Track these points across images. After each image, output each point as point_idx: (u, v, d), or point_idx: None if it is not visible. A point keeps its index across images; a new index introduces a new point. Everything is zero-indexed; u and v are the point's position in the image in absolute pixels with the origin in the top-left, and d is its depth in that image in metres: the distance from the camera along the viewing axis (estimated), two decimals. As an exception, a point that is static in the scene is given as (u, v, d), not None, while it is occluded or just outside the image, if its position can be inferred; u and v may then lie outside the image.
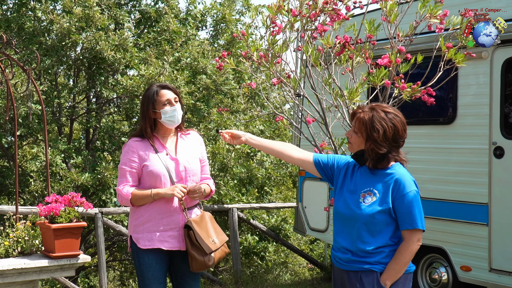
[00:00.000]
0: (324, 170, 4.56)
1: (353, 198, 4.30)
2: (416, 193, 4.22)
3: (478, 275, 8.08)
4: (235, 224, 11.84)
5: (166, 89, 5.32)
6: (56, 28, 12.93)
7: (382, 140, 4.17)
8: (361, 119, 4.25)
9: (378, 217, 4.19)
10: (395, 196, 4.19)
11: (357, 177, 4.37)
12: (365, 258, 4.22)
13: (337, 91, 6.20)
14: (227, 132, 4.99)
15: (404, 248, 4.17)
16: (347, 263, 4.31)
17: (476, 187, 8.05)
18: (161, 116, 5.25)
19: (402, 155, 4.33)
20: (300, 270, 14.38)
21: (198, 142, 5.52)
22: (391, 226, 4.23)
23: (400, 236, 4.23)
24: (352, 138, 4.33)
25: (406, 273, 4.24)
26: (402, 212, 4.18)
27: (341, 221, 4.38)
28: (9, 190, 14.78)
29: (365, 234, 4.22)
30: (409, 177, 4.24)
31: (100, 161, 12.96)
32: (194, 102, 13.20)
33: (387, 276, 4.17)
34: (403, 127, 4.24)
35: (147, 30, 15.13)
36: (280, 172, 14.57)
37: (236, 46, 15.09)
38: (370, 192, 4.26)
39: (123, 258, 16.29)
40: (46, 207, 5.54)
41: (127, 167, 5.24)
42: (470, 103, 8.20)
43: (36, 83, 8.10)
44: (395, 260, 4.17)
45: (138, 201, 5.19)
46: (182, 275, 5.36)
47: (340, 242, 4.38)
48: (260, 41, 6.77)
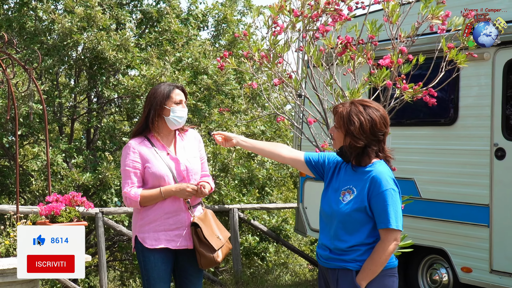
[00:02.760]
0: (316, 168, 4.55)
1: (335, 196, 4.30)
2: (393, 192, 4.14)
3: (478, 276, 8.08)
4: (236, 225, 11.83)
5: (180, 90, 5.34)
6: (58, 28, 12.94)
7: (358, 133, 4.14)
8: (339, 113, 4.25)
9: (354, 215, 4.17)
10: (371, 194, 4.15)
11: (342, 175, 4.37)
12: (341, 255, 4.21)
13: (338, 91, 6.20)
14: (219, 134, 4.97)
15: (380, 247, 4.11)
16: (326, 260, 4.31)
17: (477, 188, 8.04)
18: (169, 113, 5.24)
19: (387, 151, 4.30)
20: (301, 271, 14.37)
21: (197, 140, 5.51)
22: (368, 225, 4.18)
23: (377, 235, 4.18)
24: (334, 134, 4.32)
25: (385, 269, 4.18)
26: (377, 211, 4.13)
27: (324, 219, 4.38)
28: (10, 190, 14.78)
29: (341, 232, 4.21)
30: (388, 175, 4.18)
31: (101, 161, 12.96)
32: (195, 103, 13.20)
33: (363, 276, 4.13)
34: (382, 121, 4.19)
35: (149, 30, 15.14)
36: (281, 172, 14.57)
37: (237, 46, 15.09)
38: (349, 190, 4.24)
39: (124, 258, 16.29)
40: (47, 207, 5.54)
41: (130, 168, 5.22)
42: (471, 104, 8.19)
43: (37, 83, 8.10)
44: (371, 260, 4.12)
45: (148, 202, 5.18)
46: (186, 274, 5.36)
47: (321, 239, 4.39)
48: (261, 42, 6.76)
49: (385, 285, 4.22)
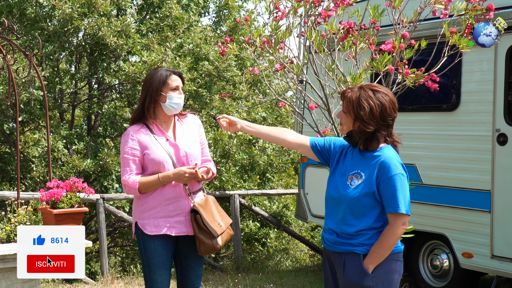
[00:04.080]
0: (321, 153, 4.54)
1: (342, 181, 4.30)
2: (401, 176, 4.16)
3: (479, 261, 8.08)
4: (237, 211, 11.84)
5: (177, 75, 5.29)
6: (58, 14, 12.90)
7: (368, 118, 4.15)
8: (348, 98, 4.25)
9: (363, 199, 4.18)
10: (380, 179, 4.16)
11: (348, 159, 4.37)
12: (349, 239, 4.22)
13: (340, 77, 6.18)
14: (223, 118, 4.95)
15: (389, 232, 4.13)
16: (333, 244, 4.32)
17: (479, 174, 8.04)
18: (165, 100, 5.21)
19: (394, 136, 4.32)
20: (301, 257, 14.41)
21: (196, 125, 5.48)
22: (376, 209, 4.20)
23: (385, 220, 4.20)
24: (342, 118, 4.32)
25: (392, 253, 4.21)
26: (386, 195, 4.14)
27: (331, 203, 4.38)
28: (11, 176, 14.80)
29: (349, 216, 4.22)
30: (396, 160, 4.20)
31: (102, 147, 12.96)
32: (196, 89, 13.18)
33: (370, 260, 4.15)
34: (391, 106, 4.21)
35: (150, 16, 15.09)
36: (282, 159, 14.57)
37: (239, 33, 15.05)
38: (357, 175, 4.25)
39: (125, 244, 16.32)
40: (48, 193, 5.54)
41: (129, 155, 5.19)
42: (473, 89, 8.18)
43: (38, 69, 8.08)
44: (379, 244, 4.14)
45: (147, 189, 5.16)
46: (186, 260, 5.34)
47: (328, 224, 4.39)
48: (263, 27, 6.74)
49: (391, 269, 4.25)
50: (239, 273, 11.02)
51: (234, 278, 10.38)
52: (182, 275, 5.41)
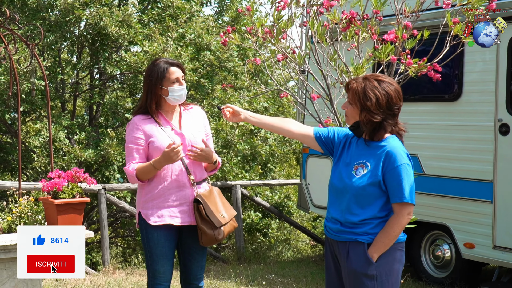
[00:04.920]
0: (325, 143, 4.55)
1: (346, 170, 4.31)
2: (407, 166, 4.18)
3: (481, 252, 8.09)
4: (238, 201, 11.85)
5: (175, 67, 5.25)
6: (60, 4, 12.90)
7: (375, 108, 4.17)
8: (354, 89, 4.26)
9: (368, 189, 4.20)
10: (385, 169, 4.18)
11: (353, 149, 4.38)
12: (353, 228, 4.24)
13: (342, 67, 6.16)
14: (227, 108, 4.94)
15: (394, 221, 4.16)
16: (336, 233, 4.33)
17: (481, 164, 8.04)
18: (167, 93, 5.19)
19: (400, 125, 4.34)
20: (303, 247, 14.41)
21: (201, 115, 5.47)
22: (381, 199, 4.22)
23: (390, 209, 4.22)
24: (348, 109, 4.33)
25: (396, 243, 4.23)
26: (392, 185, 4.17)
27: (334, 193, 4.40)
28: (13, 166, 14.81)
29: (354, 206, 4.23)
30: (402, 150, 4.22)
31: (104, 138, 12.97)
32: (198, 79, 13.17)
33: (375, 249, 4.17)
34: (397, 95, 4.26)
35: (151, 6, 15.06)
36: (283, 149, 14.56)
37: (241, 23, 15.03)
38: (362, 165, 4.26)
39: (126, 235, 16.34)
40: (49, 183, 5.53)
41: (133, 145, 5.19)
42: (476, 80, 8.17)
43: (40, 59, 8.07)
44: (384, 233, 4.16)
45: (144, 175, 5.14)
46: (189, 250, 5.34)
47: (331, 213, 4.40)
48: (265, 17, 6.71)
49: (395, 258, 4.27)
50: (240, 263, 11.03)
51: (236, 268, 10.39)
52: (185, 265, 5.41)
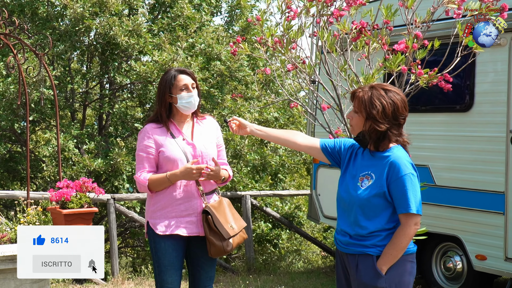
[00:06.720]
0: (332, 155, 4.55)
1: (353, 183, 4.30)
2: (412, 176, 4.15)
3: (493, 264, 8.03)
4: (248, 211, 11.81)
5: (184, 74, 5.26)
6: (70, 13, 12.91)
7: (381, 117, 4.14)
8: (360, 97, 4.24)
9: (374, 200, 4.18)
10: (390, 179, 4.16)
11: (359, 160, 4.37)
12: (362, 241, 4.22)
13: (353, 77, 6.14)
14: (233, 120, 4.93)
15: (401, 232, 4.12)
16: (346, 245, 4.31)
17: (493, 175, 7.98)
18: (177, 101, 5.20)
19: (404, 136, 4.30)
20: (313, 258, 14.38)
21: (214, 127, 5.46)
22: (387, 210, 4.19)
23: (397, 220, 4.19)
24: (353, 119, 4.31)
25: (405, 255, 4.20)
26: (397, 196, 4.14)
27: (342, 205, 4.38)
28: (22, 175, 14.84)
29: (361, 218, 4.22)
30: (406, 160, 4.19)
31: (113, 147, 12.97)
32: (208, 89, 13.16)
33: (384, 261, 4.15)
34: (403, 105, 4.21)
35: (161, 15, 15.07)
36: (294, 159, 14.54)
37: (251, 33, 15.02)
38: (368, 176, 4.25)
39: (135, 245, 16.33)
40: (57, 192, 5.51)
41: (144, 153, 5.19)
42: (487, 90, 8.13)
43: (49, 69, 8.06)
44: (392, 244, 4.13)
45: (156, 187, 5.14)
46: (198, 261, 5.32)
47: (340, 225, 4.39)
48: (275, 27, 6.69)
49: (405, 270, 4.24)
50: (250, 274, 10.99)
51: (246, 279, 10.35)
52: (193, 276, 5.40)
